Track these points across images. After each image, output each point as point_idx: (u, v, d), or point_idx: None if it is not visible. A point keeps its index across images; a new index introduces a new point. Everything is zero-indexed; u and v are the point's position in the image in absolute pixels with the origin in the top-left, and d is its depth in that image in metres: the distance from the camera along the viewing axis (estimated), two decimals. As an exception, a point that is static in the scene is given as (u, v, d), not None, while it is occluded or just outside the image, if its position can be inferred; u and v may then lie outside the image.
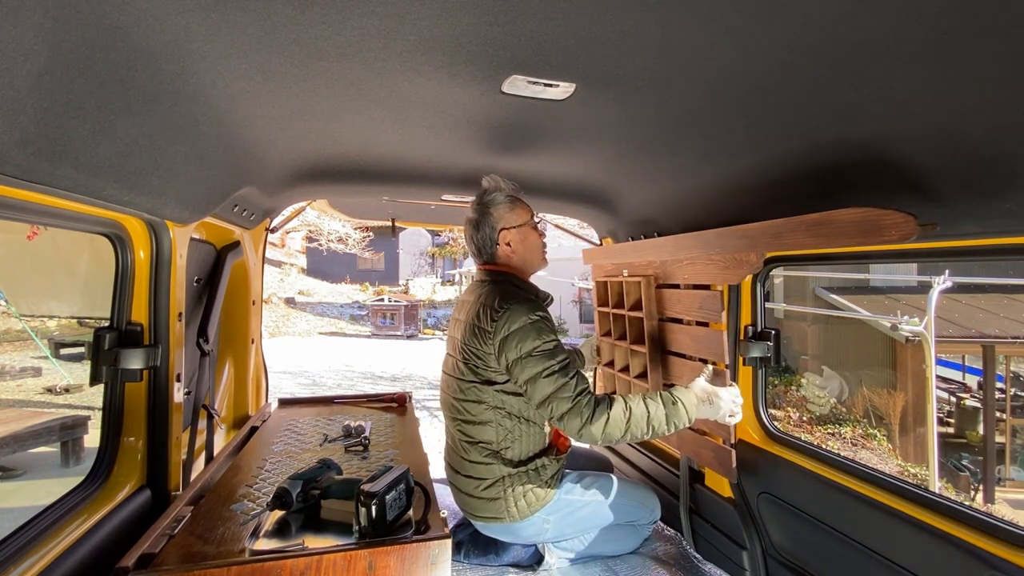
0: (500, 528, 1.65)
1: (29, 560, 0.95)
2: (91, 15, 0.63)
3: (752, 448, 1.77)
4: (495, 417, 1.57)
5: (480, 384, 1.57)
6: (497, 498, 1.60)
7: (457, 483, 1.68)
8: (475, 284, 1.72)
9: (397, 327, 15.58)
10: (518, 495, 1.60)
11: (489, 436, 1.59)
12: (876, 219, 1.05)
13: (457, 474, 1.67)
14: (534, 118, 1.24)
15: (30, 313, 6.70)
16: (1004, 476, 7.74)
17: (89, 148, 0.78)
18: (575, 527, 1.71)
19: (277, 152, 1.47)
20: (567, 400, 1.41)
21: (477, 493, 1.62)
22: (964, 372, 9.76)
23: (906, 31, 0.73)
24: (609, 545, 1.79)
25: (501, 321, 1.47)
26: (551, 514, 1.65)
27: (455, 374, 1.63)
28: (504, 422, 1.58)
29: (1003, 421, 7.86)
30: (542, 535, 1.67)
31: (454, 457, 1.69)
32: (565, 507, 1.67)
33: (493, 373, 1.55)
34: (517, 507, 1.60)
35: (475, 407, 1.59)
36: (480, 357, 1.54)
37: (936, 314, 6.05)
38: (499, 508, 1.60)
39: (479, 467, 1.61)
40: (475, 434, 1.60)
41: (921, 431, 7.65)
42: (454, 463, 1.69)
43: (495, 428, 1.58)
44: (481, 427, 1.59)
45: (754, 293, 1.81)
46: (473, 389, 1.58)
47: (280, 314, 16.63)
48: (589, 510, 1.72)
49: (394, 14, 0.77)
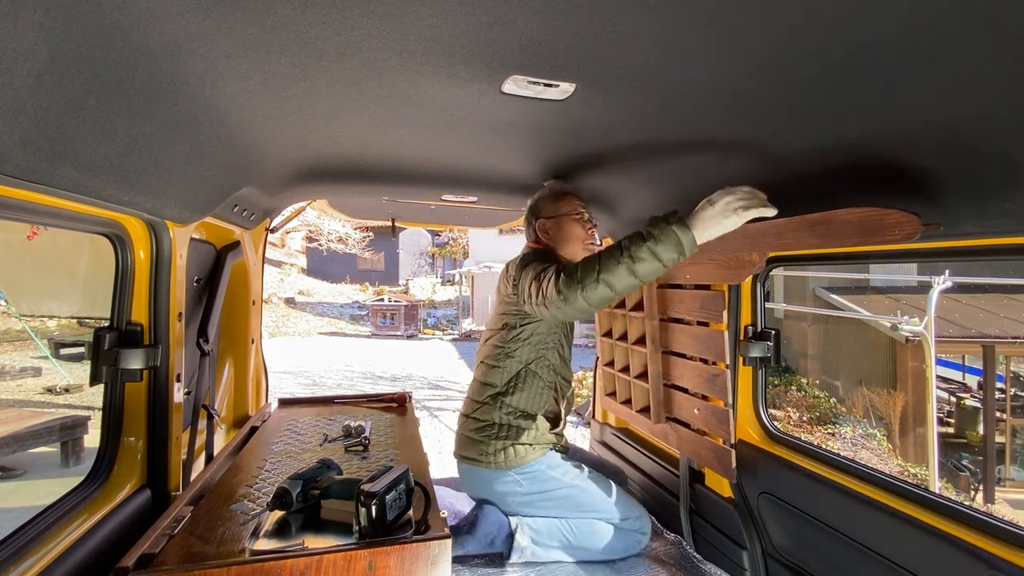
0: (476, 475, 1.75)
1: (29, 560, 0.95)
2: (91, 15, 0.63)
3: (752, 448, 1.77)
4: (507, 363, 1.74)
5: (503, 329, 1.75)
6: (482, 441, 1.73)
7: (460, 424, 1.85)
8: None
9: (397, 327, 15.59)
10: (502, 446, 1.71)
11: (496, 379, 1.76)
12: (879, 218, 1.05)
13: (464, 416, 1.84)
14: (534, 118, 1.24)
15: (30, 313, 6.70)
16: (1004, 476, 7.75)
17: (89, 148, 0.77)
18: (548, 505, 1.73)
19: (277, 152, 1.47)
20: (535, 278, 1.43)
21: (468, 432, 1.78)
22: (964, 372, 9.76)
23: (906, 31, 0.73)
24: (588, 542, 1.73)
25: (524, 258, 1.64)
26: (526, 477, 1.71)
27: (488, 326, 1.85)
28: (513, 368, 1.74)
29: (1003, 421, 7.87)
30: (513, 497, 1.72)
31: (466, 402, 1.87)
32: (544, 478, 1.72)
33: (514, 315, 1.72)
34: (495, 457, 1.71)
35: (495, 351, 1.77)
36: (506, 300, 1.72)
37: (936, 314, 6.06)
38: (481, 451, 1.74)
39: (480, 408, 1.77)
40: (487, 377, 1.78)
41: (921, 431, 7.65)
42: (465, 407, 1.86)
43: (503, 373, 1.75)
44: (494, 370, 1.76)
45: (754, 293, 1.82)
46: (498, 334, 1.77)
47: (280, 314, 16.63)
48: (566, 493, 1.74)
49: (394, 14, 0.77)
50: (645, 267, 1.20)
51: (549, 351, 1.77)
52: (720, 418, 1.70)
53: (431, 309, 19.15)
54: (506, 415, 1.74)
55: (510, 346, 1.74)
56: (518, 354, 1.73)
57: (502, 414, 1.74)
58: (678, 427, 1.94)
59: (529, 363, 1.74)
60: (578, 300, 1.26)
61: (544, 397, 1.78)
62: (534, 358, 1.74)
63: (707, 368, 1.77)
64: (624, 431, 2.61)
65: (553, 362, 1.79)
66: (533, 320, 1.72)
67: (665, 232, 1.19)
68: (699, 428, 1.83)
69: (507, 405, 1.74)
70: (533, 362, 1.75)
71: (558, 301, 1.31)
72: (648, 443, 2.40)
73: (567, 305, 1.29)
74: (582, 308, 1.28)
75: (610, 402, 2.43)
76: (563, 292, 1.29)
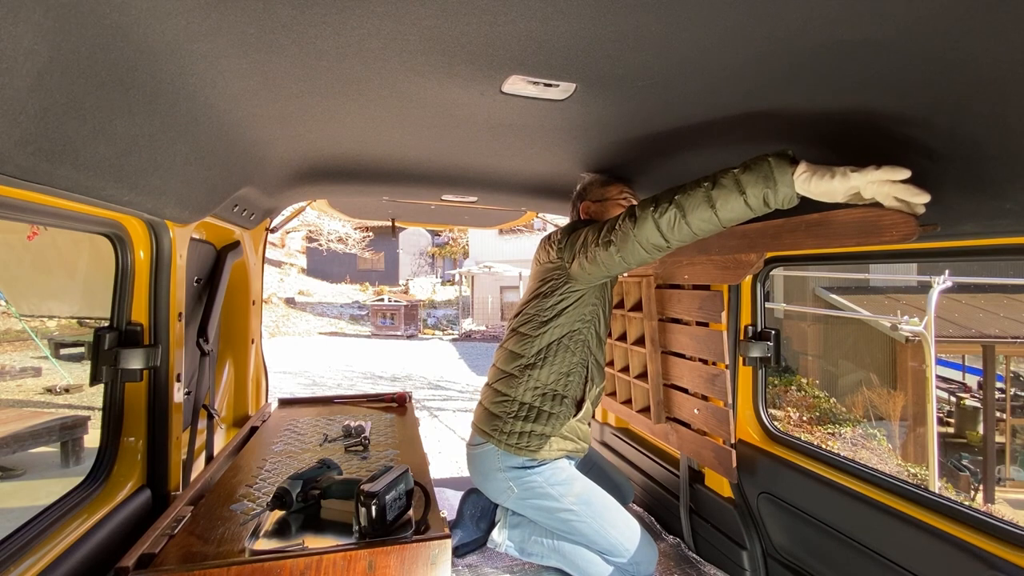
0: (481, 458, 1.70)
1: (29, 560, 0.95)
2: (91, 15, 0.63)
3: (752, 448, 1.77)
4: (540, 333, 1.66)
5: (538, 298, 1.68)
6: (499, 416, 1.67)
7: (482, 395, 1.80)
8: None
9: (397, 327, 15.59)
10: (519, 428, 1.64)
11: (527, 349, 1.68)
12: (876, 219, 1.05)
13: (487, 387, 1.79)
14: (534, 118, 1.24)
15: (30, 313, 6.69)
16: (1004, 476, 7.74)
17: (89, 148, 0.77)
18: (538, 520, 1.68)
19: (277, 152, 1.47)
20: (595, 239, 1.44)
21: (488, 404, 1.73)
22: (964, 372, 9.76)
23: (906, 31, 0.73)
24: (574, 566, 1.64)
25: (569, 227, 1.66)
26: (519, 483, 1.64)
27: (523, 299, 1.77)
28: (546, 339, 1.65)
29: (1003, 421, 7.86)
30: (505, 500, 1.69)
31: (492, 370, 1.80)
32: (539, 494, 1.62)
33: (549, 281, 1.66)
34: (508, 438, 1.63)
35: (528, 321, 1.70)
36: (549, 267, 1.67)
37: (936, 314, 6.05)
38: (495, 427, 1.67)
39: (505, 379, 1.71)
40: (517, 346, 1.71)
41: (921, 431, 7.65)
42: (490, 376, 1.81)
43: (535, 343, 1.66)
44: (525, 340, 1.69)
45: (754, 293, 1.82)
46: (533, 303, 1.70)
47: (280, 314, 16.63)
48: (561, 518, 1.61)
49: (394, 14, 0.77)
50: (725, 197, 1.08)
51: (586, 325, 1.66)
52: (720, 418, 1.70)
53: (431, 309, 19.15)
54: (531, 391, 1.64)
55: (545, 314, 1.65)
56: (553, 323, 1.64)
57: (526, 389, 1.64)
58: (678, 427, 1.94)
59: (563, 336, 1.64)
60: (648, 222, 1.23)
61: (574, 378, 1.66)
62: (568, 331, 1.64)
63: (707, 368, 1.77)
64: (624, 431, 2.61)
65: (588, 339, 1.67)
66: (573, 289, 1.62)
67: (757, 162, 1.04)
68: (699, 428, 1.83)
69: (534, 379, 1.64)
70: (567, 335, 1.64)
71: (628, 227, 1.28)
72: (648, 443, 2.40)
73: (637, 229, 1.26)
74: (649, 234, 1.24)
75: (610, 402, 2.43)
76: (637, 215, 1.26)
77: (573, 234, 1.59)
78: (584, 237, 1.50)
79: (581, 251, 1.50)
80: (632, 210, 1.31)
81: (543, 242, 1.76)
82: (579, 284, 1.61)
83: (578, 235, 1.55)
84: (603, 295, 1.68)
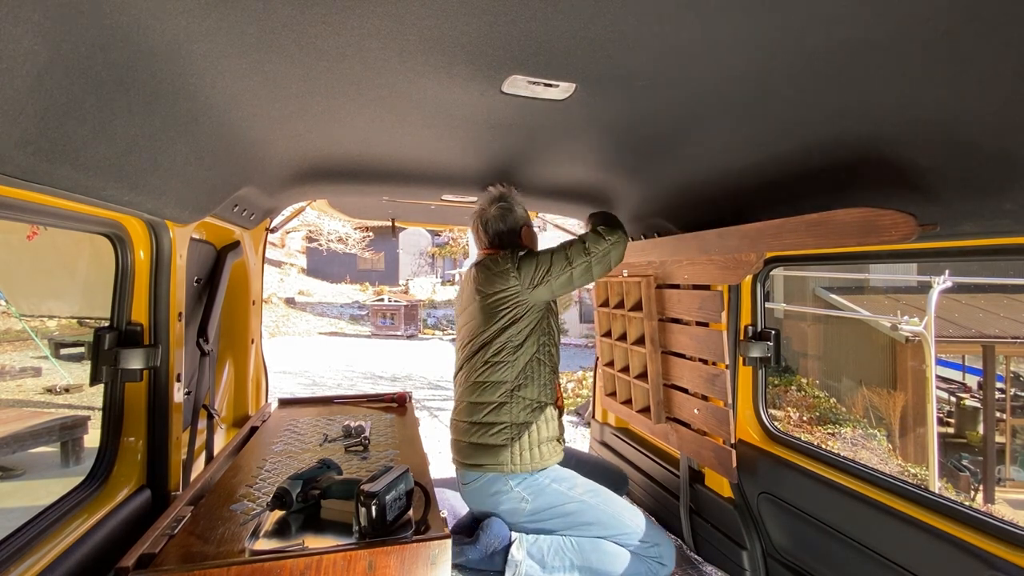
0: (483, 487, 1.70)
1: (29, 560, 0.95)
2: (91, 15, 0.63)
3: (752, 448, 1.77)
4: (512, 357, 1.71)
5: (502, 327, 1.71)
6: (502, 445, 1.68)
7: (462, 432, 1.76)
8: (485, 255, 1.86)
9: (397, 327, 15.58)
10: (523, 446, 1.68)
11: (505, 375, 1.71)
12: (875, 219, 1.05)
13: (468, 423, 1.74)
14: (534, 118, 1.24)
15: (30, 313, 6.69)
16: (1004, 476, 7.74)
17: (89, 148, 0.78)
18: (554, 523, 1.67)
19: (277, 152, 1.47)
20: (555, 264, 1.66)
21: (478, 439, 1.70)
22: (964, 372, 9.76)
23: (906, 31, 0.73)
24: (595, 563, 1.62)
25: (514, 255, 1.71)
26: (532, 492, 1.66)
27: (474, 319, 1.77)
28: (522, 360, 1.71)
29: (1003, 421, 7.86)
30: (518, 515, 1.67)
31: (466, 408, 1.77)
32: (550, 493, 1.67)
33: (511, 308, 1.70)
34: (521, 458, 1.67)
35: (498, 350, 1.72)
36: (499, 294, 1.69)
37: (936, 314, 6.05)
38: (504, 456, 1.67)
39: (492, 410, 1.71)
40: (492, 376, 1.72)
41: (921, 431, 7.65)
42: (467, 414, 1.76)
43: (512, 367, 1.71)
44: (499, 367, 1.71)
45: (754, 293, 1.82)
46: (493, 329, 1.72)
47: (280, 314, 16.63)
48: (573, 508, 1.66)
49: (394, 14, 0.77)
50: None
51: (547, 336, 1.77)
52: (720, 418, 1.70)
53: (431, 309, 19.15)
54: (521, 411, 1.70)
55: (518, 338, 1.71)
56: (527, 343, 1.71)
57: (517, 411, 1.70)
58: (678, 427, 1.94)
59: (536, 351, 1.73)
60: (623, 240, 1.67)
61: (552, 383, 1.78)
62: (539, 346, 1.74)
63: (707, 368, 1.77)
64: (624, 431, 2.61)
65: (551, 346, 1.79)
66: (534, 309, 1.72)
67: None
68: (699, 428, 1.83)
69: (522, 399, 1.71)
70: (539, 350, 1.74)
71: (614, 239, 1.65)
72: (648, 443, 2.40)
73: (620, 243, 1.67)
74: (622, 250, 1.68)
75: (610, 402, 2.43)
76: (605, 236, 1.65)
77: (524, 261, 1.68)
78: (549, 263, 1.65)
79: (547, 278, 1.65)
80: (603, 232, 1.67)
81: (486, 273, 1.72)
82: (537, 304, 1.72)
83: (534, 262, 1.66)
84: (551, 303, 1.82)
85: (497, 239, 1.87)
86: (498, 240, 1.87)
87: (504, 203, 1.87)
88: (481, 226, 1.89)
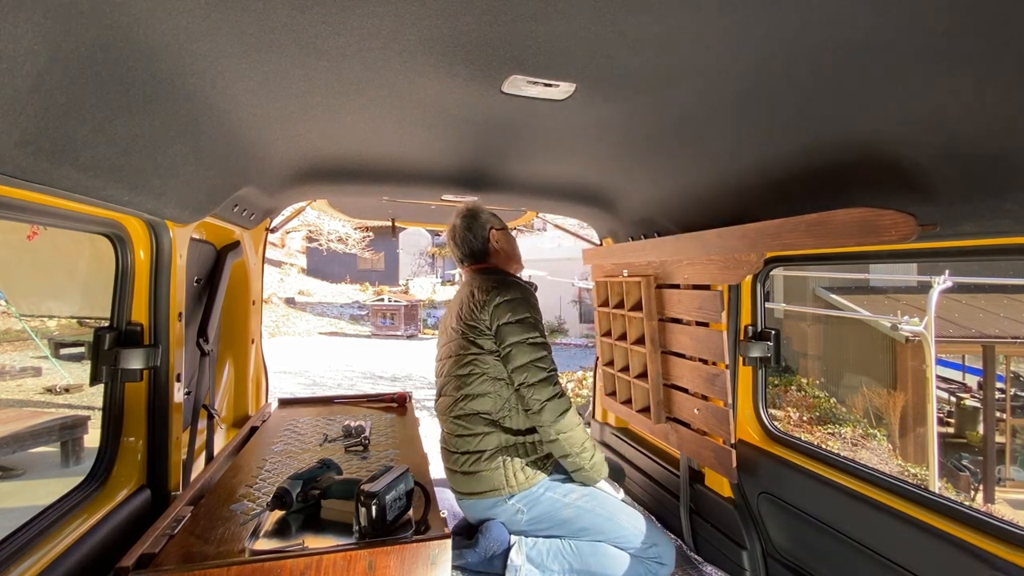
0: (483, 506, 1.68)
1: (29, 560, 0.96)
2: (91, 15, 0.63)
3: (752, 448, 1.77)
4: (494, 388, 1.68)
5: (480, 355, 1.69)
6: (497, 469, 1.66)
7: (452, 462, 1.72)
8: (467, 280, 1.83)
9: (397, 327, 15.57)
10: (516, 467, 1.66)
11: (488, 406, 1.68)
12: (875, 219, 1.05)
13: (455, 454, 1.72)
14: (534, 118, 1.24)
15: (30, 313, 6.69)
16: (1004, 476, 7.74)
17: (89, 148, 0.78)
18: (552, 529, 1.66)
19: (277, 152, 1.47)
20: (543, 371, 1.62)
21: (477, 467, 1.67)
22: (964, 372, 9.76)
23: (906, 32, 0.73)
24: (593, 566, 1.63)
25: (495, 293, 1.66)
26: (527, 503, 1.65)
27: (455, 352, 1.74)
28: (502, 392, 1.68)
29: (1003, 421, 7.86)
30: (516, 525, 1.67)
31: (453, 439, 1.73)
32: (545, 502, 1.66)
33: (489, 341, 1.68)
34: (516, 478, 1.65)
35: (475, 379, 1.69)
36: (478, 329, 1.68)
37: (936, 314, 6.05)
38: (499, 480, 1.65)
39: (480, 439, 1.68)
40: (476, 407, 1.69)
41: (921, 431, 7.66)
42: (452, 444, 1.74)
43: (494, 398, 1.68)
44: (481, 399, 1.69)
45: (754, 293, 1.82)
46: (474, 361, 1.69)
47: (280, 314, 16.63)
48: (569, 514, 1.65)
49: (394, 14, 0.77)
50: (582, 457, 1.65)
51: None
52: (720, 418, 1.70)
53: (431, 309, 19.14)
54: (512, 436, 1.68)
55: (493, 370, 1.68)
56: (504, 376, 1.67)
57: (508, 438, 1.67)
58: (678, 427, 1.94)
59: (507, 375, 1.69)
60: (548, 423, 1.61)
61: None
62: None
63: (707, 368, 1.77)
64: (624, 431, 2.61)
65: None
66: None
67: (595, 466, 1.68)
68: (699, 428, 1.83)
69: (509, 429, 1.68)
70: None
71: (540, 402, 1.61)
72: (648, 443, 2.40)
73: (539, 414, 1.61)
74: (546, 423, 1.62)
75: (610, 402, 2.43)
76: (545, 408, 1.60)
77: (499, 308, 1.64)
78: (519, 348, 1.63)
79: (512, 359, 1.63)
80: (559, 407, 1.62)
81: (471, 302, 1.71)
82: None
83: (507, 322, 1.63)
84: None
85: (466, 246, 1.85)
86: (467, 248, 1.85)
87: (467, 213, 1.87)
88: (451, 240, 1.90)
